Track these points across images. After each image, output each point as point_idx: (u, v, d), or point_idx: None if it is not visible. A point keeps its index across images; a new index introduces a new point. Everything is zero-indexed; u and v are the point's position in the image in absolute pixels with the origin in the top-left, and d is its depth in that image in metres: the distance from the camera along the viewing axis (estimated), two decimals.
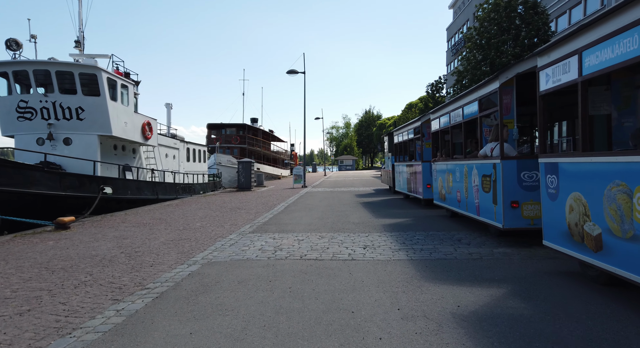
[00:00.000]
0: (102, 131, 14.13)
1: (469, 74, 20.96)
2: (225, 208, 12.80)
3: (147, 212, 12.11)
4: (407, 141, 13.48)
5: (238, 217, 10.68)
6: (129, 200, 14.51)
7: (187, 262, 5.62)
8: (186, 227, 8.88)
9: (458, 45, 44.22)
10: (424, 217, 9.87)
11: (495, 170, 6.15)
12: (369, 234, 7.60)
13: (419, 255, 5.75)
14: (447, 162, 8.85)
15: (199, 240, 7.28)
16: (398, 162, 14.95)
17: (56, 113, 13.59)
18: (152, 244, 6.97)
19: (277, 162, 51.04)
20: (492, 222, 6.35)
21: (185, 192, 19.36)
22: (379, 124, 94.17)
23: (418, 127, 11.82)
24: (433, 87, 34.93)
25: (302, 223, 9.26)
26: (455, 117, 8.19)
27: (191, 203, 14.67)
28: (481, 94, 6.73)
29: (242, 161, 22.40)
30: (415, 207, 12.12)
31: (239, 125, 40.52)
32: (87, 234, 8.13)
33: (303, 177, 24.20)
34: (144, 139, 16.69)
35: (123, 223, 9.64)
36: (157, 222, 9.76)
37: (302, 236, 7.54)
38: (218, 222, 9.63)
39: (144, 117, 16.81)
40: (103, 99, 13.90)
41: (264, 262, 5.58)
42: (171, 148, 20.79)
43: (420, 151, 11.82)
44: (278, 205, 13.51)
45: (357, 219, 9.71)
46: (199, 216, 10.91)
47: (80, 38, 15.26)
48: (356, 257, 5.78)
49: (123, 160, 16.35)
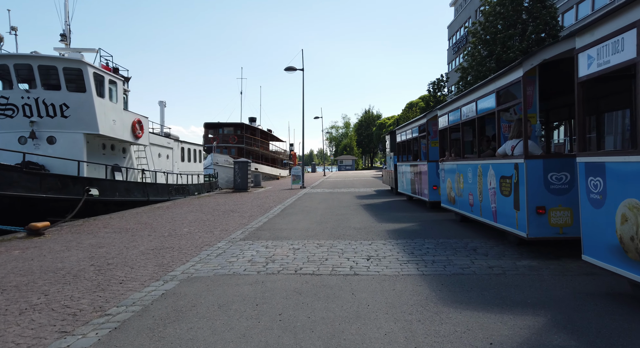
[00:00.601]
0: (89, 129, 13.35)
1: (473, 70, 20.18)
2: (217, 212, 12.03)
3: (133, 215, 11.34)
4: (411, 140, 12.72)
5: (230, 221, 9.91)
6: (117, 202, 13.74)
7: (164, 278, 4.85)
8: (172, 234, 8.11)
9: (459, 43, 43.49)
10: (431, 221, 9.11)
11: (518, 171, 5.39)
12: (372, 242, 6.84)
13: (431, 269, 4.99)
14: (458, 161, 8.10)
15: (183, 249, 6.51)
16: (401, 162, 14.19)
17: (39, 110, 12.80)
18: (129, 254, 6.20)
19: (276, 162, 50.27)
20: (513, 230, 5.59)
21: (178, 193, 18.59)
22: (378, 123, 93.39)
23: (423, 124, 11.06)
24: (434, 85, 34.18)
25: (299, 228, 8.49)
26: (467, 112, 7.42)
27: (183, 206, 13.90)
28: (500, 85, 5.97)
29: (238, 161, 21.63)
30: (421, 209, 11.36)
31: (236, 125, 39.74)
32: (60, 242, 7.36)
33: (302, 178, 23.44)
34: (135, 137, 15.91)
35: (104, 229, 8.87)
36: (141, 227, 8.99)
37: (298, 244, 6.78)
38: (207, 228, 8.86)
39: (134, 115, 16.03)
40: (89, 95, 13.12)
41: (253, 277, 4.81)
42: (164, 147, 20.02)
43: (426, 150, 11.06)
44: (274, 208, 12.74)
45: (358, 224, 8.94)
46: (188, 220, 10.14)
47: (66, 31, 14.48)
48: (359, 270, 5.02)
49: (112, 160, 15.57)
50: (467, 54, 21.49)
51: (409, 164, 12.82)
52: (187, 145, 23.56)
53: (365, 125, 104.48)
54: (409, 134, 12.70)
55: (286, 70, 22.40)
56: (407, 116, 49.25)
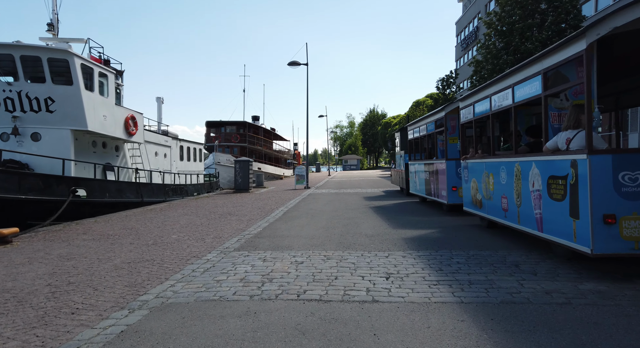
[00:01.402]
0: (76, 125, 12.37)
1: (489, 63, 19.03)
2: (214, 215, 11.01)
3: (121, 219, 10.33)
4: (425, 136, 11.63)
5: (226, 226, 8.88)
6: (108, 203, 12.75)
7: (131, 305, 3.82)
8: (157, 241, 7.08)
9: (469, 38, 42.27)
10: (452, 227, 8.02)
11: (576, 169, 4.30)
12: (390, 253, 5.77)
13: (470, 294, 3.92)
14: (486, 159, 7.01)
15: (165, 263, 5.48)
16: (413, 161, 13.10)
17: (22, 104, 11.84)
18: (99, 269, 5.17)
19: (279, 162, 49.28)
20: (569, 244, 4.50)
21: (175, 194, 17.60)
22: (384, 122, 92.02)
23: (441, 118, 9.97)
24: (443, 82, 32.99)
25: (303, 235, 7.44)
26: (499, 101, 6.33)
27: (177, 208, 12.89)
28: (549, 64, 4.88)
29: (239, 160, 20.61)
30: (437, 213, 10.27)
31: (239, 123, 38.77)
32: (25, 252, 6.35)
33: (306, 178, 22.39)
34: (128, 134, 14.93)
35: (83, 235, 7.86)
36: (125, 233, 7.97)
37: (302, 256, 5.72)
38: (199, 234, 7.83)
39: (127, 111, 15.05)
40: (76, 89, 12.14)
41: (244, 305, 3.77)
42: (161, 146, 19.03)
43: (444, 147, 9.98)
44: (276, 210, 11.70)
45: (370, 230, 7.88)
46: (180, 225, 9.12)
47: (53, 20, 13.52)
48: (378, 295, 3.96)
49: (103, 159, 14.60)
50: (482, 46, 20.34)
51: (423, 163, 11.72)
52: (186, 144, 22.57)
53: (370, 124, 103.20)
54: (423, 130, 11.60)
55: (290, 65, 21.38)
56: (414, 114, 48.02)
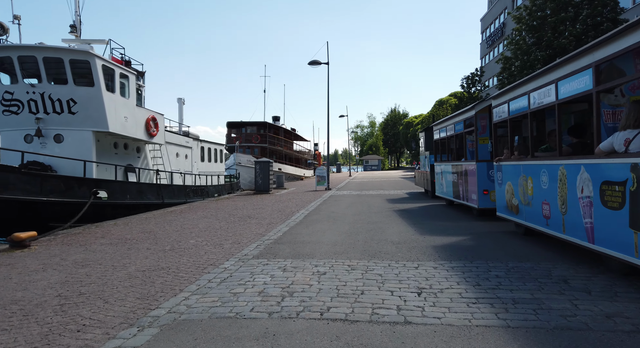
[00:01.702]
0: (98, 127, 12.38)
1: (518, 60, 18.18)
2: (233, 217, 10.76)
3: (140, 221, 10.20)
4: (452, 137, 11.06)
5: (245, 230, 8.59)
6: (129, 205, 12.72)
7: (141, 322, 3.52)
8: (175, 247, 6.84)
9: (494, 35, 41.01)
10: (484, 234, 7.49)
11: (638, 174, 3.76)
12: (420, 264, 5.32)
13: (517, 316, 3.45)
14: (524, 161, 6.46)
15: (180, 271, 5.20)
16: (440, 162, 12.53)
17: (45, 106, 11.92)
18: (112, 278, 4.93)
19: (300, 162, 49.10)
20: (628, 258, 3.96)
21: (196, 195, 17.54)
22: (405, 122, 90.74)
23: (471, 118, 9.41)
24: (468, 80, 32.00)
25: (325, 241, 7.06)
26: (540, 98, 5.79)
27: (197, 210, 12.73)
28: (602, 56, 4.33)
29: (259, 161, 20.42)
30: (467, 217, 9.71)
31: (259, 124, 38.76)
32: (42, 257, 6.21)
33: (327, 179, 22.01)
34: (149, 136, 14.91)
35: (101, 239, 7.71)
36: (142, 237, 7.78)
37: (325, 265, 5.35)
38: (218, 239, 7.56)
39: (148, 112, 15.03)
40: (98, 90, 12.14)
41: (262, 324, 3.42)
42: (183, 147, 19.03)
43: (473, 148, 9.41)
44: (297, 213, 11.36)
45: (396, 236, 7.43)
46: (199, 228, 8.89)
47: (76, 22, 13.61)
48: (411, 315, 3.54)
49: (125, 160, 14.62)
50: (510, 42, 19.47)
51: (450, 164, 11.16)
52: (207, 145, 22.57)
53: (391, 124, 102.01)
54: (451, 130, 11.04)
55: (310, 65, 21.05)
56: (438, 114, 46.99)
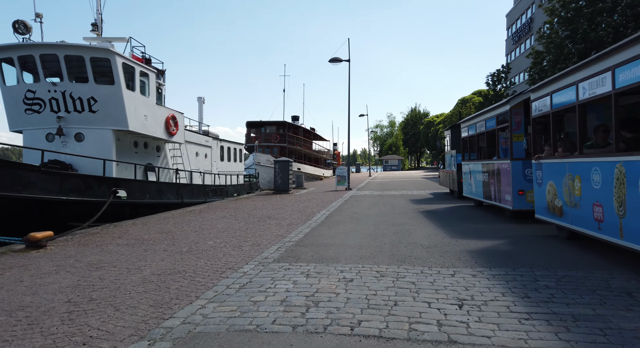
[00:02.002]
0: (118, 125, 12.29)
1: (551, 54, 17.28)
2: (253, 218, 10.45)
3: (159, 221, 10.00)
4: (483, 134, 10.45)
5: (265, 231, 8.24)
6: (148, 205, 12.59)
7: (152, 334, 3.19)
8: (192, 248, 6.54)
9: (521, 31, 39.67)
10: (523, 237, 6.92)
11: None
12: (456, 271, 4.84)
13: (582, 337, 2.95)
14: (570, 159, 5.87)
15: (197, 276, 4.87)
16: (468, 161, 11.91)
17: (66, 104, 11.90)
18: (126, 282, 4.64)
19: (319, 162, 48.73)
20: None
21: (215, 194, 17.37)
22: (426, 121, 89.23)
23: (504, 113, 8.81)
24: (494, 77, 30.92)
25: (349, 244, 6.64)
26: (592, 87, 5.21)
27: (216, 210, 12.49)
28: None
29: (279, 160, 20.13)
30: (499, 219, 9.11)
31: (279, 123, 38.58)
32: (56, 258, 6.00)
33: (347, 179, 21.55)
34: (168, 134, 14.79)
35: (118, 239, 7.49)
36: (160, 238, 7.52)
37: (351, 271, 4.93)
38: (237, 240, 7.23)
39: (168, 110, 14.92)
40: (118, 88, 12.05)
41: (285, 340, 3.02)
42: (202, 146, 18.92)
43: (506, 145, 8.81)
44: (318, 214, 10.97)
45: (425, 239, 6.94)
46: (218, 229, 8.60)
47: (97, 20, 13.59)
48: (455, 333, 3.09)
49: (145, 159, 14.54)
50: (542, 36, 18.57)
51: (480, 163, 10.55)
52: (227, 144, 22.45)
53: (411, 123, 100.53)
54: (481, 126, 10.43)
55: (331, 62, 20.63)
56: (461, 112, 45.84)
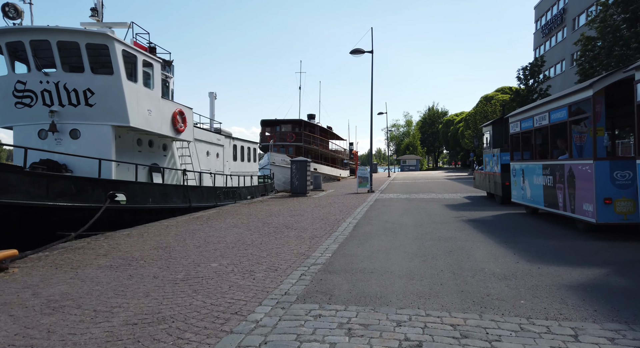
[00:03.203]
0: (117, 120, 10.93)
1: (606, 40, 15.27)
2: (268, 227, 8.92)
3: (158, 231, 8.55)
4: (543, 128, 8.69)
5: (283, 246, 6.69)
6: (151, 210, 11.20)
7: None
8: (189, 275, 5.02)
9: (552, 23, 37.26)
10: (627, 263, 5.18)
11: None
12: (577, 328, 3.20)
13: None
14: None
15: (188, 329, 3.33)
16: (520, 161, 10.14)
17: (60, 97, 10.58)
18: (81, 341, 3.13)
19: (336, 162, 47.08)
20: None
21: (227, 197, 15.93)
22: (445, 120, 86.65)
23: (582, 102, 7.05)
24: (526, 71, 28.71)
25: (394, 270, 5.04)
26: None
27: (226, 216, 11.01)
28: None
29: (296, 160, 18.60)
30: (571, 233, 7.35)
31: (294, 122, 37.09)
32: (10, 289, 4.55)
33: (369, 180, 19.88)
34: (175, 131, 13.40)
35: (103, 258, 6.04)
36: (154, 257, 6.04)
37: (413, 325, 3.32)
38: (248, 261, 5.69)
39: (175, 105, 13.53)
40: (117, 79, 10.68)
41: None
42: (213, 144, 17.52)
43: (583, 142, 7.06)
44: (343, 223, 9.38)
45: (492, 262, 5.29)
46: (226, 243, 7.08)
47: (97, 4, 12.26)
48: None
49: (150, 159, 13.19)
50: (594, 20, 16.56)
51: (539, 163, 8.78)
52: (240, 143, 21.05)
53: (429, 122, 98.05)
54: (542, 119, 8.66)
55: (352, 54, 18.99)
56: (485, 110, 43.60)
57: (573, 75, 32.88)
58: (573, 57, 33.20)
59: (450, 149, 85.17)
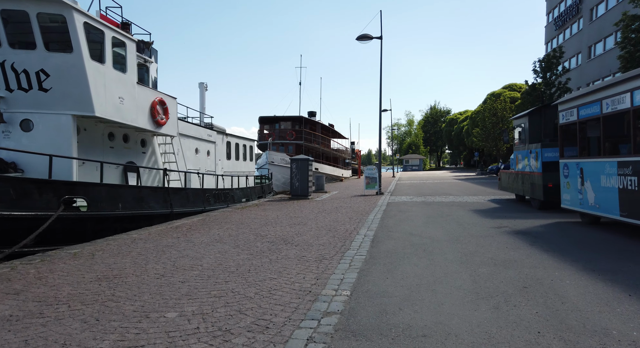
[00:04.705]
0: (79, 109, 8.96)
1: None
2: (262, 241, 6.94)
3: (118, 248, 6.55)
4: (617, 114, 6.72)
5: (279, 277, 4.71)
6: (122, 217, 9.23)
7: None
8: (122, 340, 3.04)
9: (566, 15, 35.30)
10: None
11: None
12: None
13: None
14: None
15: None
16: (577, 158, 8.16)
17: (7, 80, 8.62)
18: None
19: (338, 162, 45.09)
20: None
21: (219, 201, 13.95)
22: (449, 119, 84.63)
23: None
24: (543, 62, 26.69)
25: (460, 332, 3.06)
26: None
27: (212, 226, 9.03)
28: None
29: (296, 159, 16.62)
30: None
31: (294, 119, 35.08)
32: None
33: (378, 181, 17.90)
34: (155, 124, 11.42)
35: (14, 297, 4.06)
36: (86, 299, 4.06)
37: None
38: (225, 309, 3.71)
39: (155, 93, 11.55)
40: (78, 57, 8.71)
41: None
42: (203, 141, 15.55)
43: None
44: (357, 235, 7.42)
45: (617, 319, 3.32)
46: (201, 269, 5.11)
47: None
48: None
49: (124, 157, 11.23)
50: None
51: (615, 160, 6.79)
52: (235, 140, 19.07)
53: (432, 121, 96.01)
54: (617, 103, 6.68)
55: (359, 40, 17.01)
56: (494, 107, 41.63)
57: (590, 69, 30.96)
58: (591, 50, 31.25)
59: (454, 148, 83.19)
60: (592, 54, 31.08)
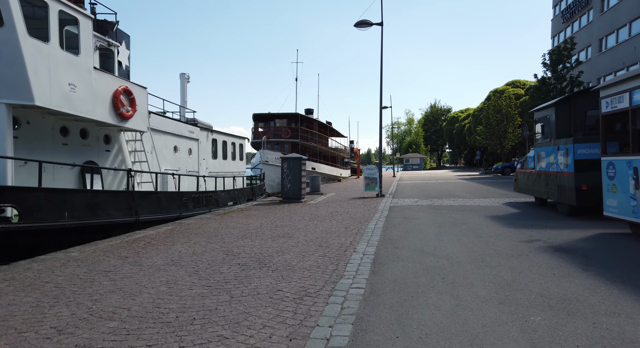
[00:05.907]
0: (14, 97, 7.34)
1: None
2: (230, 264, 5.33)
3: (41, 274, 4.93)
4: None
5: (236, 336, 3.10)
6: (68, 229, 7.61)
7: None
8: None
9: (574, 7, 33.71)
10: None
11: None
12: None
13: None
14: None
15: None
16: (629, 155, 6.55)
17: None
18: None
19: (336, 161, 43.45)
20: None
21: (199, 205, 12.32)
22: (449, 117, 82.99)
23: None
24: (553, 55, 25.10)
25: None
26: None
27: (178, 239, 7.41)
28: None
29: (287, 157, 15.02)
30: None
31: (290, 116, 33.46)
32: None
33: (379, 182, 16.30)
34: (118, 117, 9.79)
35: None
36: None
37: None
38: None
39: (119, 81, 9.92)
40: (10, 32, 7.11)
41: None
42: (184, 138, 13.93)
43: None
44: (354, 253, 5.82)
45: None
46: (127, 316, 3.49)
47: None
48: None
49: (83, 155, 9.62)
50: None
51: None
52: (222, 137, 17.46)
53: (432, 120, 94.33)
54: None
55: (357, 26, 15.40)
56: (499, 104, 40.03)
57: (601, 63, 29.37)
58: (602, 42, 29.66)
59: (455, 147, 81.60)
60: (603, 46, 29.49)
